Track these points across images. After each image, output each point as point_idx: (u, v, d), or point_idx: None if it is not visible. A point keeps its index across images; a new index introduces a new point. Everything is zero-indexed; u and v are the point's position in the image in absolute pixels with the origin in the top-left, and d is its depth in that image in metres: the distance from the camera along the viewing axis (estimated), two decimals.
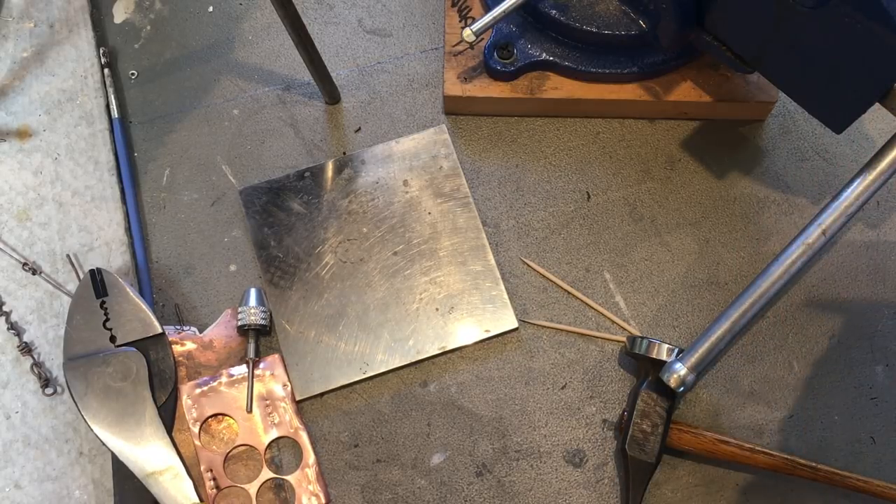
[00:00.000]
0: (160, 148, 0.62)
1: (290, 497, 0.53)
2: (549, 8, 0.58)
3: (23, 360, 0.56)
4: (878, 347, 0.57)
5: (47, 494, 0.53)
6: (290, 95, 0.64)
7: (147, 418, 0.52)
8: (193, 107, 0.64)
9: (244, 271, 0.59)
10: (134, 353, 0.53)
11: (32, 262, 0.58)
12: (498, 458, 0.54)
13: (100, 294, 0.53)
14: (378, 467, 0.54)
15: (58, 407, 0.55)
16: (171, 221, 0.60)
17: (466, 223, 0.59)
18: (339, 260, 0.58)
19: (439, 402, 0.56)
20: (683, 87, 0.60)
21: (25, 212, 0.60)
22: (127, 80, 0.65)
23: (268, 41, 0.66)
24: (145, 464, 0.51)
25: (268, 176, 0.61)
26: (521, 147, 0.61)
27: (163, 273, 0.59)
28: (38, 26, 0.65)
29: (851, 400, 0.56)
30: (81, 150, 0.61)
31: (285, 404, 0.55)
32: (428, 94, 0.63)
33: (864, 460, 0.54)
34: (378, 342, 0.56)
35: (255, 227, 0.59)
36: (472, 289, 0.57)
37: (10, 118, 0.62)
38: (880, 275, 0.59)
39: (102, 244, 0.59)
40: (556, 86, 0.60)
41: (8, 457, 0.54)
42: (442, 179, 0.60)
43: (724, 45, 0.54)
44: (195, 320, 0.58)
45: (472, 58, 0.61)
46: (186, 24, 0.66)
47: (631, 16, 0.58)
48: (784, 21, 0.48)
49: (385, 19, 0.66)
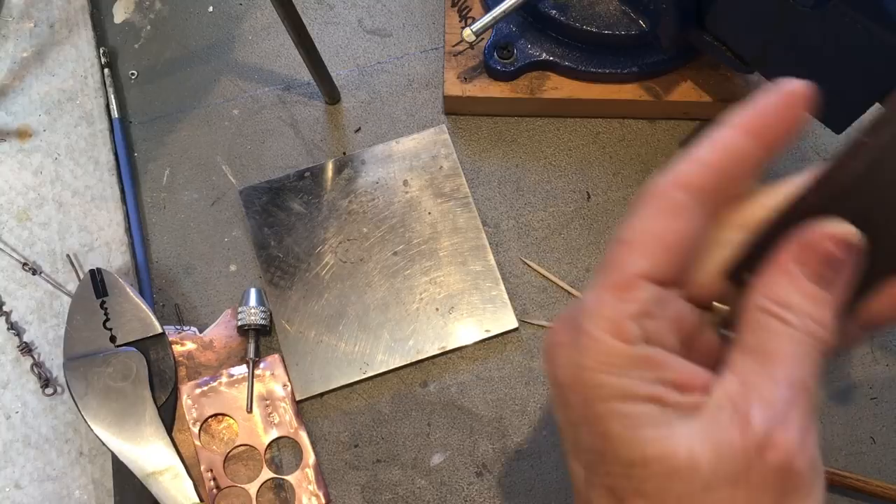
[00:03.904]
0: (160, 148, 0.62)
1: (290, 497, 0.53)
2: (549, 8, 0.58)
3: (23, 360, 0.56)
4: (878, 347, 0.57)
5: (47, 494, 0.53)
6: (290, 95, 0.64)
7: (147, 418, 0.52)
8: (193, 107, 0.64)
9: (244, 271, 0.59)
10: (134, 353, 0.53)
11: (32, 262, 0.58)
12: (498, 458, 0.54)
13: (100, 294, 0.53)
14: (378, 467, 0.54)
15: (58, 407, 0.55)
16: (171, 221, 0.60)
17: (466, 223, 0.59)
18: (339, 260, 0.58)
19: (439, 402, 0.56)
20: (683, 87, 0.60)
21: (25, 212, 0.60)
22: (127, 80, 0.65)
23: (268, 41, 0.66)
24: (145, 464, 0.51)
25: (268, 176, 0.61)
26: (521, 147, 0.61)
27: (163, 273, 0.59)
28: (38, 26, 0.65)
29: (851, 400, 0.56)
30: (81, 150, 0.61)
31: (285, 404, 0.55)
32: (428, 94, 0.63)
33: (864, 460, 0.54)
34: (378, 342, 0.56)
35: (255, 227, 0.59)
36: (472, 289, 0.57)
37: (10, 118, 0.62)
38: None
39: (102, 244, 0.59)
40: (556, 86, 0.60)
41: (8, 457, 0.54)
42: (442, 179, 0.60)
43: (724, 45, 0.54)
44: (195, 320, 0.58)
45: (472, 58, 0.61)
46: (186, 24, 0.66)
47: (631, 16, 0.58)
48: (784, 21, 0.48)
49: (385, 19, 0.66)
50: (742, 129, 0.28)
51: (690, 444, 0.25)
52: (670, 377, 0.27)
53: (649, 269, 0.27)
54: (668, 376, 0.27)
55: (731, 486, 0.25)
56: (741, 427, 0.25)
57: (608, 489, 0.27)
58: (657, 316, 0.27)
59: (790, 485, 0.25)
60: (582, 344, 0.27)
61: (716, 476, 0.25)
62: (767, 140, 0.28)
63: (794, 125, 0.27)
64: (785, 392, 0.26)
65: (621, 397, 0.26)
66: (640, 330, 0.26)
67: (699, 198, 0.27)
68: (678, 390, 0.27)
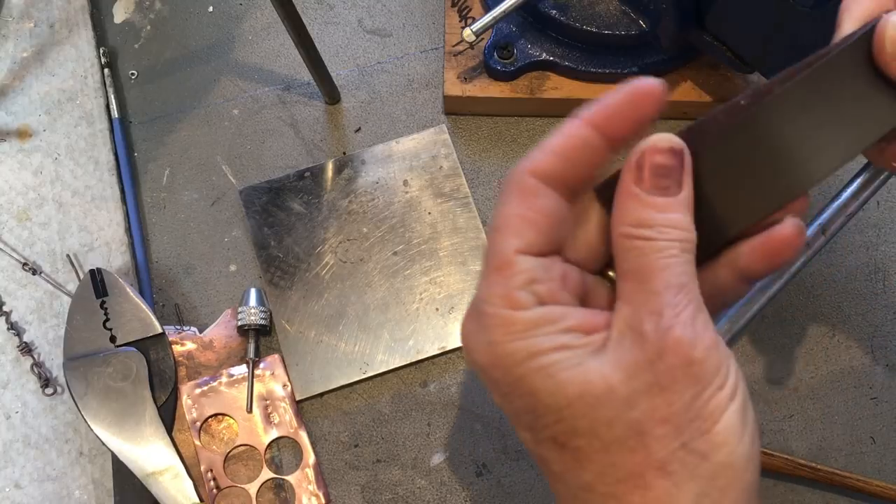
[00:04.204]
0: (160, 148, 0.62)
1: (290, 497, 0.53)
2: (549, 8, 0.58)
3: (23, 360, 0.56)
4: (878, 347, 0.57)
5: (47, 494, 0.53)
6: (290, 95, 0.64)
7: (147, 418, 0.52)
8: (193, 107, 0.64)
9: (244, 271, 0.59)
10: (134, 353, 0.53)
11: (32, 262, 0.58)
12: (498, 458, 0.54)
13: (100, 294, 0.53)
14: (378, 467, 0.54)
15: (58, 407, 0.55)
16: (171, 221, 0.60)
17: (466, 223, 0.59)
18: (339, 260, 0.58)
19: (439, 402, 0.56)
20: (683, 87, 0.60)
21: (25, 212, 0.60)
22: (127, 80, 0.65)
23: (268, 41, 0.66)
24: (145, 464, 0.51)
25: (268, 176, 0.61)
26: (521, 147, 0.61)
27: (163, 273, 0.59)
28: (38, 26, 0.65)
29: (851, 400, 0.56)
30: (81, 150, 0.61)
31: (285, 404, 0.55)
32: (428, 94, 0.63)
33: (864, 460, 0.54)
34: (378, 342, 0.56)
35: (255, 227, 0.59)
36: (472, 289, 0.57)
37: (10, 118, 0.62)
38: (880, 275, 0.59)
39: (102, 244, 0.59)
40: (556, 86, 0.60)
41: (8, 457, 0.54)
42: (442, 179, 0.60)
43: (724, 45, 0.54)
44: (195, 320, 0.58)
45: (472, 58, 0.61)
46: (186, 24, 0.66)
47: (631, 16, 0.58)
48: (784, 21, 0.48)
49: (385, 19, 0.66)
50: (586, 121, 0.31)
51: (603, 372, 0.28)
52: (571, 324, 0.29)
53: (523, 245, 0.30)
54: (570, 324, 0.29)
55: (648, 396, 0.28)
56: (640, 342, 0.28)
57: (551, 440, 0.29)
58: (544, 280, 0.30)
59: (699, 373, 0.28)
60: (485, 324, 0.30)
61: (633, 392, 0.28)
62: (609, 132, 0.30)
63: (637, 121, 0.30)
64: (666, 297, 0.28)
65: (532, 355, 0.29)
66: (530, 295, 0.29)
67: (547, 181, 0.30)
68: (584, 334, 0.29)
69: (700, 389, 0.28)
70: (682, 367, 0.27)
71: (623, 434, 0.28)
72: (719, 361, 0.28)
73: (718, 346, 0.28)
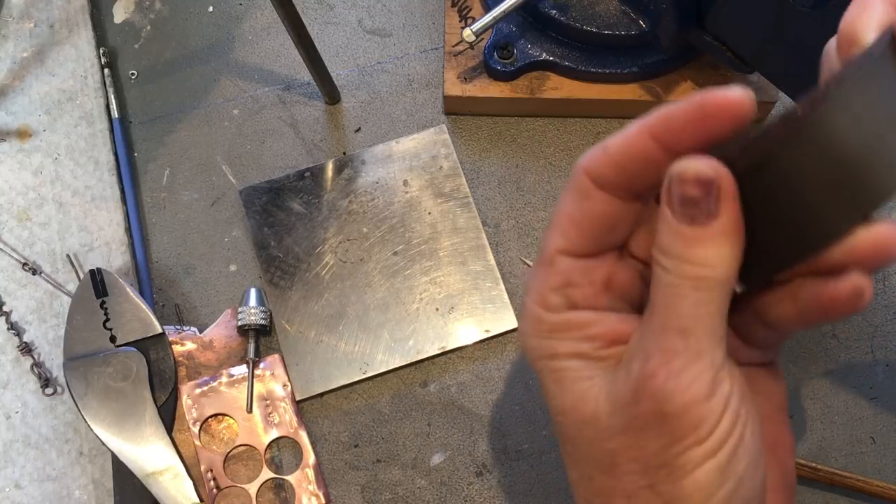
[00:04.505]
0: (160, 148, 0.62)
1: (290, 497, 0.53)
2: (549, 8, 0.58)
3: (23, 360, 0.56)
4: (878, 347, 0.57)
5: (47, 494, 0.53)
6: (290, 95, 0.64)
7: (147, 418, 0.52)
8: (193, 107, 0.64)
9: (244, 271, 0.59)
10: (134, 353, 0.53)
11: (32, 262, 0.58)
12: (498, 458, 0.54)
13: (100, 294, 0.53)
14: (378, 467, 0.54)
15: (58, 407, 0.55)
16: (171, 221, 0.60)
17: (466, 223, 0.59)
18: (339, 260, 0.58)
19: (439, 402, 0.56)
20: (683, 87, 0.60)
21: (25, 212, 0.60)
22: (127, 80, 0.65)
23: (268, 41, 0.66)
24: (145, 464, 0.51)
25: (268, 176, 0.61)
26: (521, 147, 0.61)
27: (163, 273, 0.59)
28: (38, 26, 0.65)
29: (851, 400, 0.56)
30: (81, 150, 0.61)
31: (285, 404, 0.55)
32: (428, 94, 0.63)
33: (864, 460, 0.54)
34: (378, 342, 0.56)
35: (255, 227, 0.59)
36: (472, 289, 0.57)
37: (10, 118, 0.62)
38: (880, 274, 0.59)
39: (102, 244, 0.59)
40: (556, 86, 0.60)
41: (8, 457, 0.54)
42: (442, 179, 0.60)
43: (724, 45, 0.54)
44: (195, 320, 0.58)
45: (472, 58, 0.61)
46: (186, 24, 0.66)
47: (631, 16, 0.58)
48: (784, 21, 0.48)
49: (385, 19, 0.66)
50: (646, 130, 0.29)
51: (597, 398, 0.29)
52: (596, 332, 0.30)
53: (565, 245, 0.30)
54: (594, 332, 0.30)
55: (621, 435, 0.28)
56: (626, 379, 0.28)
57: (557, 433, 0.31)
58: (581, 283, 0.30)
59: (672, 426, 0.26)
60: (523, 313, 0.32)
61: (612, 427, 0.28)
62: (670, 146, 0.28)
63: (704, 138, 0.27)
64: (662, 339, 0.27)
65: (550, 356, 0.30)
66: (562, 298, 0.30)
67: (599, 183, 0.30)
68: (608, 343, 0.30)
69: (669, 442, 0.27)
70: (654, 416, 0.27)
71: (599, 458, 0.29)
72: (702, 417, 0.26)
73: (709, 400, 0.26)
